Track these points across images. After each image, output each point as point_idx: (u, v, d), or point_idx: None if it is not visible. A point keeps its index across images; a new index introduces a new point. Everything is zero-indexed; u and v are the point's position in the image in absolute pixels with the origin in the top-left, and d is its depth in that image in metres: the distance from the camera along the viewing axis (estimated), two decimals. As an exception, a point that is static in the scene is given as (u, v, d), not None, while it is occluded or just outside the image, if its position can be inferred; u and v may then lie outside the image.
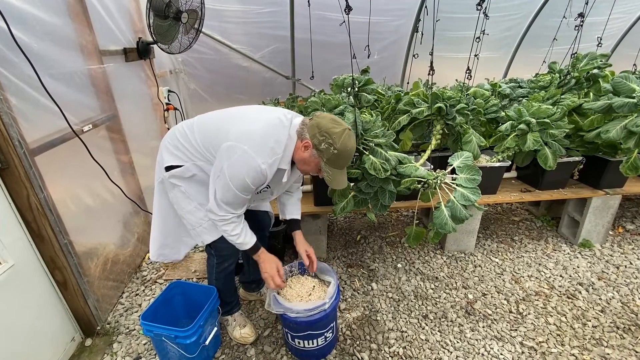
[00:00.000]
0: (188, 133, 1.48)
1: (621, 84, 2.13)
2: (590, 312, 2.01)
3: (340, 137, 1.32)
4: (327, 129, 1.32)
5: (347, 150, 1.35)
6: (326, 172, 1.41)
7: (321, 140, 1.33)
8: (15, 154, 1.39)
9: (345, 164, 1.42)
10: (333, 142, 1.31)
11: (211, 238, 1.59)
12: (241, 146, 1.31)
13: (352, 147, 1.38)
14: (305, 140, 1.37)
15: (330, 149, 1.32)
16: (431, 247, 2.64)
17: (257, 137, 1.34)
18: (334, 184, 1.45)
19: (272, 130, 1.37)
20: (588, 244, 2.60)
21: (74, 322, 1.80)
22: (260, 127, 1.36)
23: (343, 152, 1.34)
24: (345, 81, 2.60)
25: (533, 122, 2.18)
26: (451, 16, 3.58)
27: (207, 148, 1.43)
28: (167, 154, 1.52)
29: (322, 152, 1.35)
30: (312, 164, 1.42)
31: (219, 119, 1.48)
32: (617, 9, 3.58)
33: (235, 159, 1.32)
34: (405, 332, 1.91)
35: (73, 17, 1.89)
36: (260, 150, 1.32)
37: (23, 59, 1.43)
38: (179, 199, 1.55)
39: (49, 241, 1.57)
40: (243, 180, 1.33)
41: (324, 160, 1.37)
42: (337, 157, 1.35)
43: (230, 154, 1.32)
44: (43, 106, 1.58)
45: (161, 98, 2.82)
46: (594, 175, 2.52)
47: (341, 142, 1.32)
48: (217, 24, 3.34)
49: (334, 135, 1.31)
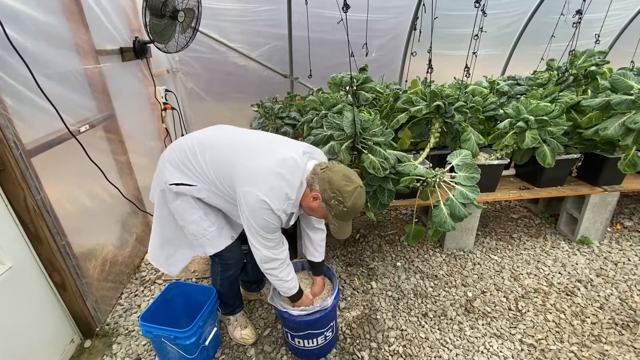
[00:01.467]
0: (199, 155, 1.42)
1: (619, 81, 2.13)
2: (589, 309, 2.02)
3: (351, 195, 1.31)
4: (339, 187, 1.30)
5: (357, 207, 1.35)
6: (333, 225, 1.42)
7: (332, 196, 1.32)
8: (12, 155, 1.38)
9: (352, 217, 1.43)
10: (344, 200, 1.30)
11: (214, 250, 1.58)
12: (255, 192, 1.30)
13: (362, 204, 1.37)
14: (315, 191, 1.36)
15: (340, 206, 1.32)
16: (430, 245, 2.65)
17: (271, 183, 1.31)
18: (339, 235, 1.45)
19: (286, 175, 1.33)
20: (586, 241, 2.61)
21: (72, 324, 1.79)
22: (274, 173, 1.32)
23: (352, 210, 1.34)
24: (344, 79, 2.59)
25: (531, 119, 2.18)
26: (449, 14, 3.58)
27: (219, 179, 1.41)
28: (175, 170, 1.46)
29: (332, 207, 1.34)
30: (320, 213, 1.42)
31: (232, 150, 1.41)
32: (614, 6, 3.58)
33: (252, 205, 1.31)
34: (405, 330, 1.91)
35: (68, 17, 1.87)
36: (274, 195, 1.31)
37: (18, 59, 1.42)
38: (182, 210, 1.50)
39: (47, 243, 1.56)
40: (265, 222, 1.34)
41: (332, 214, 1.37)
42: (346, 214, 1.35)
43: (248, 200, 1.32)
44: (39, 107, 1.56)
45: (158, 97, 2.80)
46: (592, 173, 2.52)
47: (352, 201, 1.31)
48: (214, 22, 3.32)
49: (345, 193, 1.30)
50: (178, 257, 1.72)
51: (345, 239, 1.45)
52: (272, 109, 2.87)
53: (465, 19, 3.56)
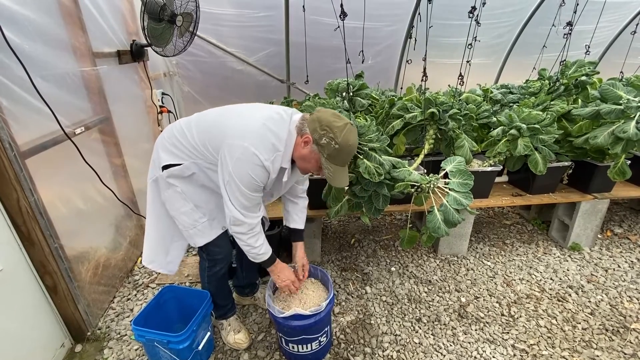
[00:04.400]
0: (186, 131, 1.44)
1: (608, 91, 2.18)
2: (580, 315, 2.04)
3: (341, 131, 1.28)
4: (328, 123, 1.28)
5: (349, 145, 1.31)
6: (327, 169, 1.36)
7: (322, 134, 1.29)
8: (5, 157, 1.37)
9: (347, 161, 1.38)
10: (334, 137, 1.27)
11: (204, 240, 1.57)
12: (242, 143, 1.28)
13: (354, 142, 1.34)
14: (305, 135, 1.33)
15: (331, 143, 1.28)
16: (424, 251, 2.66)
17: (257, 134, 1.30)
18: (335, 182, 1.39)
19: (271, 126, 1.33)
20: (577, 247, 2.64)
21: (63, 328, 1.77)
22: (260, 124, 1.32)
23: (345, 147, 1.30)
24: (340, 85, 2.61)
25: (524, 127, 2.22)
26: (444, 23, 3.64)
27: (205, 146, 1.40)
28: (164, 153, 1.47)
29: (323, 148, 1.31)
30: (313, 161, 1.37)
31: (217, 116, 1.45)
32: (604, 18, 3.68)
33: (238, 157, 1.28)
34: (399, 335, 1.91)
35: (66, 19, 1.87)
36: (261, 146, 1.29)
37: (14, 60, 1.42)
38: (173, 200, 1.50)
39: (39, 245, 1.55)
40: (250, 178, 1.30)
41: (324, 156, 1.33)
42: (339, 152, 1.30)
43: (233, 153, 1.29)
44: (34, 108, 1.56)
45: (155, 101, 2.80)
46: (583, 180, 2.57)
47: (343, 137, 1.28)
48: (212, 27, 3.33)
49: (335, 129, 1.27)
50: (174, 251, 1.70)
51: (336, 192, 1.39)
52: (268, 113, 2.87)
53: (459, 29, 3.63)
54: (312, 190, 2.24)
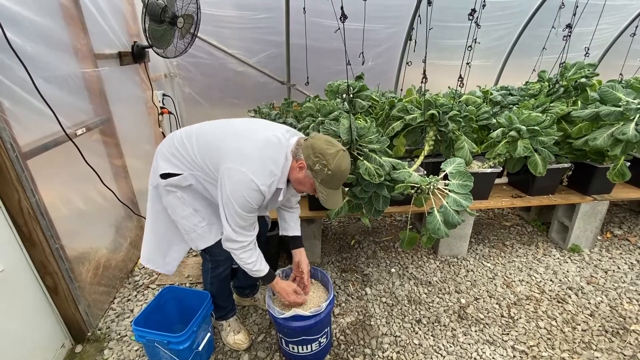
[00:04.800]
0: (186, 143, 1.47)
1: (608, 93, 2.19)
2: (580, 316, 2.05)
3: (334, 158, 1.33)
4: (321, 150, 1.33)
5: (341, 171, 1.36)
6: (321, 193, 1.42)
7: (315, 161, 1.34)
8: (7, 157, 1.38)
9: (339, 185, 1.42)
10: (327, 163, 1.32)
11: (205, 244, 1.59)
12: (240, 169, 1.32)
13: (346, 168, 1.39)
14: (300, 160, 1.38)
15: (324, 170, 1.33)
16: (424, 252, 2.67)
17: (256, 160, 1.35)
18: (328, 204, 1.46)
19: (270, 152, 1.37)
20: (577, 249, 2.65)
21: (64, 328, 1.77)
22: (259, 149, 1.36)
23: (337, 173, 1.35)
24: (340, 87, 2.62)
25: (523, 129, 2.23)
26: (444, 25, 3.65)
27: (205, 161, 1.43)
28: (163, 162, 1.50)
29: (317, 173, 1.36)
30: (307, 185, 1.43)
31: (218, 133, 1.46)
32: (603, 20, 3.69)
33: (236, 182, 1.33)
34: (399, 336, 1.92)
35: (67, 20, 1.88)
36: (259, 172, 1.33)
37: (16, 62, 1.42)
38: (174, 205, 1.54)
39: (40, 246, 1.55)
40: (245, 201, 1.34)
41: (318, 181, 1.38)
42: (331, 177, 1.36)
43: (231, 177, 1.33)
44: (36, 109, 1.57)
45: (155, 102, 2.81)
46: (583, 182, 2.57)
47: (335, 163, 1.33)
48: (213, 28, 3.35)
49: (327, 156, 1.33)
50: (173, 254, 1.72)
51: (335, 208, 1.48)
52: (268, 114, 2.89)
53: (459, 31, 3.64)
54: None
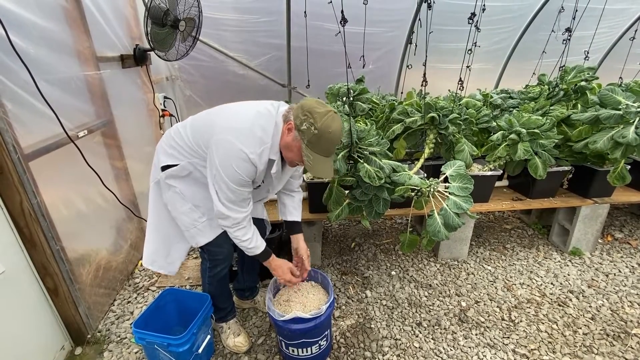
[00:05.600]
0: (182, 132, 1.49)
1: (607, 97, 2.20)
2: (581, 320, 2.04)
3: (322, 117, 1.26)
4: (309, 109, 1.28)
5: (329, 132, 1.27)
6: (306, 157, 1.32)
7: (303, 119, 1.27)
8: (10, 159, 1.39)
9: (328, 149, 1.33)
10: (314, 122, 1.25)
11: (205, 240, 1.59)
12: (228, 138, 1.29)
13: (336, 130, 1.29)
14: (289, 122, 1.33)
15: (310, 128, 1.26)
16: (425, 255, 2.66)
17: (244, 128, 1.32)
18: (314, 171, 1.35)
19: (259, 120, 1.34)
20: (578, 252, 2.64)
21: (64, 330, 1.77)
22: (247, 118, 1.34)
23: (324, 134, 1.27)
24: (341, 90, 2.63)
25: (523, 132, 2.23)
26: (444, 28, 3.67)
27: (198, 144, 1.43)
28: (163, 155, 1.52)
29: (304, 133, 1.28)
30: (295, 149, 1.35)
31: (208, 114, 1.48)
32: (603, 24, 3.70)
33: (224, 152, 1.30)
34: (399, 339, 1.91)
35: (70, 23, 1.89)
36: (247, 140, 1.30)
37: (19, 64, 1.43)
38: (174, 200, 1.54)
39: (41, 247, 1.56)
40: (233, 171, 1.30)
41: (305, 143, 1.30)
42: (318, 139, 1.27)
43: (219, 147, 1.31)
44: (38, 111, 1.57)
45: (157, 104, 2.82)
46: (583, 185, 2.57)
47: (323, 122, 1.26)
48: (214, 32, 3.37)
49: (315, 114, 1.26)
50: (175, 253, 1.71)
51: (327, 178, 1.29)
52: (269, 117, 2.89)
53: (459, 34, 3.66)
54: (313, 194, 2.25)
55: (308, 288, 1.82)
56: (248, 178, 1.35)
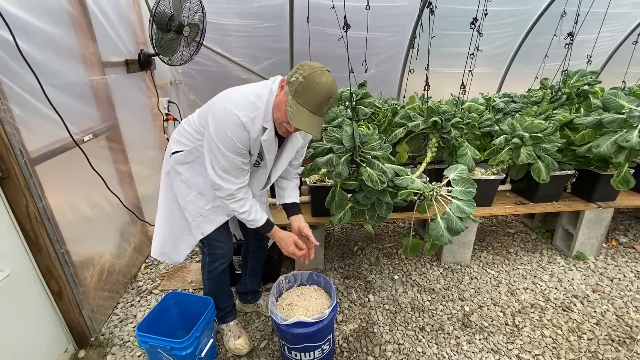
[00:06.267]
0: (190, 119, 1.57)
1: (610, 100, 2.20)
2: (586, 325, 2.02)
3: (313, 69, 1.23)
4: (303, 63, 1.27)
5: (317, 83, 1.22)
6: (289, 107, 1.25)
7: (293, 72, 1.26)
8: (16, 163, 1.40)
9: (314, 103, 1.24)
10: (303, 72, 1.23)
11: (211, 227, 1.61)
12: (223, 104, 1.32)
13: (325, 84, 1.23)
14: (283, 80, 1.34)
15: (299, 78, 1.23)
16: (428, 259, 2.66)
17: (239, 96, 1.35)
18: (295, 121, 1.25)
19: (254, 89, 1.37)
20: (582, 257, 2.63)
21: (67, 333, 1.77)
22: (242, 88, 1.39)
23: (311, 84, 1.21)
24: (343, 94, 2.64)
25: (526, 136, 2.23)
26: (446, 33, 3.68)
27: (202, 124, 1.46)
28: (173, 144, 1.59)
29: (292, 85, 1.25)
30: (283, 105, 1.29)
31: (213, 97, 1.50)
32: (605, 28, 3.70)
33: (219, 118, 1.32)
34: (402, 344, 1.90)
35: (77, 29, 1.92)
36: (240, 104, 1.31)
37: (26, 69, 1.45)
38: (181, 189, 1.59)
39: (46, 250, 1.57)
40: (227, 136, 1.31)
41: (291, 95, 1.25)
42: (304, 88, 1.22)
43: (215, 115, 1.33)
44: (45, 116, 1.60)
45: (161, 108, 2.84)
46: (587, 189, 2.56)
47: (312, 73, 1.22)
48: (218, 37, 3.40)
49: (306, 66, 1.24)
50: (182, 245, 1.71)
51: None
52: (272, 121, 2.91)
53: (461, 38, 3.67)
54: (315, 197, 2.26)
55: (311, 292, 1.82)
56: (242, 145, 1.35)
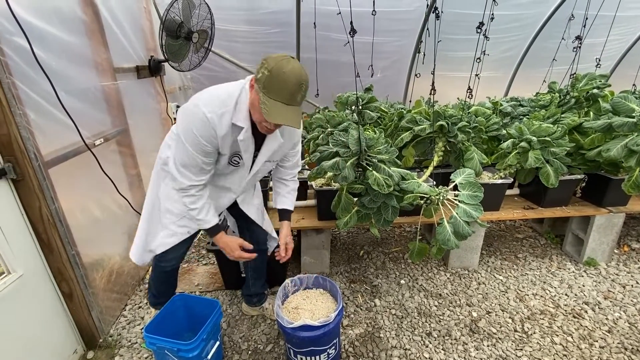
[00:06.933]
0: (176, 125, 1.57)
1: (620, 104, 2.17)
2: (597, 332, 1.98)
3: (277, 60, 1.20)
4: (266, 57, 1.24)
5: (283, 72, 1.18)
6: (263, 104, 1.22)
7: (259, 68, 1.24)
8: (31, 166, 1.44)
9: (284, 94, 1.21)
10: (267, 65, 1.20)
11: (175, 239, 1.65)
12: (193, 102, 1.33)
13: (292, 71, 1.19)
14: (252, 78, 1.32)
15: (265, 72, 1.20)
16: (434, 264, 2.63)
17: (210, 93, 1.35)
18: (271, 116, 1.22)
19: (226, 87, 1.37)
20: (593, 263, 2.58)
21: (77, 334, 1.80)
22: (217, 86, 1.38)
23: (277, 74, 1.18)
24: (349, 99, 2.66)
25: (534, 140, 2.21)
26: (452, 37, 3.69)
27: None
28: (163, 147, 1.63)
29: (259, 81, 1.23)
30: (257, 103, 1.27)
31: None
32: (614, 31, 3.67)
33: (186, 115, 1.34)
34: (409, 349, 1.88)
35: (90, 36, 1.98)
36: (209, 102, 1.31)
37: (42, 75, 1.50)
38: (165, 192, 1.63)
39: (58, 252, 1.60)
40: (192, 133, 1.30)
41: (261, 91, 1.23)
42: (271, 80, 1.19)
43: (184, 112, 1.35)
44: (58, 120, 1.64)
45: (169, 113, 2.89)
46: (597, 193, 2.52)
47: (276, 64, 1.19)
48: (226, 43, 3.46)
49: (270, 59, 1.22)
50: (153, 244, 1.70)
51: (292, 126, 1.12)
52: (279, 126, 2.94)
53: (467, 43, 3.67)
54: (321, 201, 2.27)
55: (317, 295, 1.82)
56: (207, 143, 1.33)
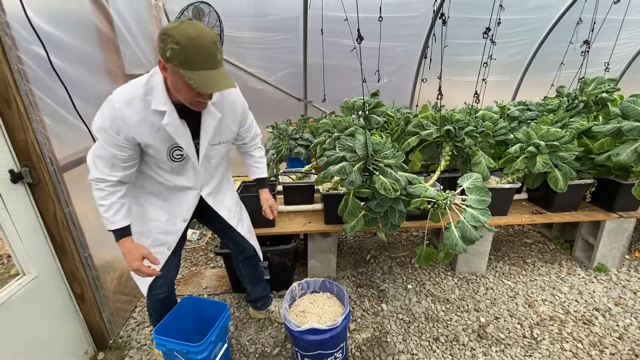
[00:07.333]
0: None
1: (629, 108, 2.15)
2: (608, 339, 1.95)
3: (178, 30, 1.08)
4: (163, 32, 1.11)
5: (191, 38, 1.08)
6: (191, 80, 1.12)
7: (164, 47, 1.11)
8: (47, 171, 1.49)
9: (203, 59, 1.12)
10: (173, 39, 1.08)
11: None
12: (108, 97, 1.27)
13: (200, 35, 1.10)
14: (158, 60, 1.19)
15: (174, 47, 1.09)
16: (442, 269, 2.62)
17: (122, 86, 1.28)
18: (204, 88, 1.13)
19: (136, 78, 1.30)
20: (603, 268, 2.54)
21: (87, 335, 1.83)
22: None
23: (186, 42, 1.08)
24: (356, 104, 2.68)
25: (542, 144, 2.20)
26: (459, 42, 3.69)
27: None
28: None
29: (173, 59, 1.11)
30: (180, 83, 1.17)
31: None
32: (623, 35, 3.65)
33: (100, 109, 1.27)
34: (416, 355, 1.88)
35: (103, 44, 2.03)
36: (118, 92, 1.26)
37: (58, 82, 1.55)
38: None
39: (71, 254, 1.64)
40: (102, 126, 1.25)
41: (180, 69, 1.11)
42: (185, 52, 1.09)
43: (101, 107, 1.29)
44: (73, 126, 1.69)
45: (179, 118, 2.94)
46: (607, 198, 2.50)
47: (181, 34, 1.08)
48: (234, 49, 3.51)
49: (169, 31, 1.09)
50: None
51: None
52: (285, 130, 2.97)
53: (474, 47, 3.67)
54: (328, 205, 2.28)
55: (324, 299, 1.83)
56: (116, 135, 1.26)
